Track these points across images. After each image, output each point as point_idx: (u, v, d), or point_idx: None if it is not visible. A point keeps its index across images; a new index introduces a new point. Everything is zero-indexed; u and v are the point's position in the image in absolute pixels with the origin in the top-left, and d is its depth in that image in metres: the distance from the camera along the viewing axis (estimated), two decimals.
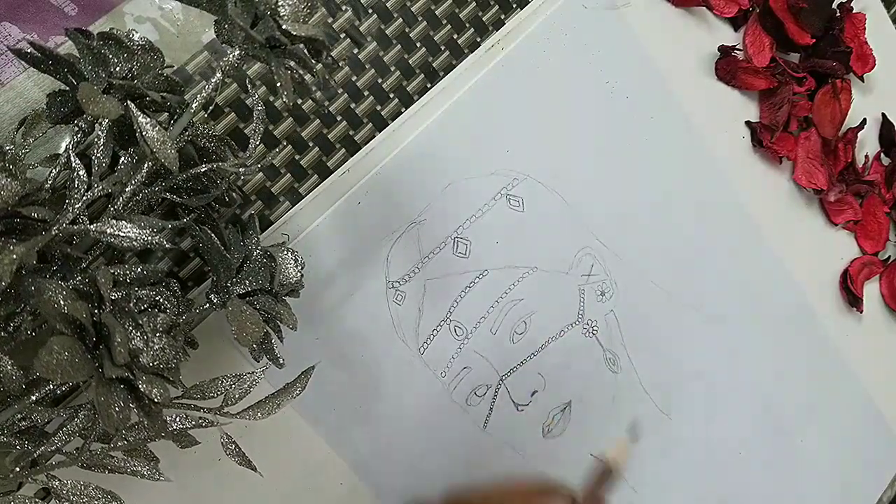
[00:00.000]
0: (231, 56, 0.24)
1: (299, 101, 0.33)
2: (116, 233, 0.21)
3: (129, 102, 0.23)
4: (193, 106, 0.24)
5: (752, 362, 0.44)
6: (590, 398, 0.39)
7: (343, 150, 0.34)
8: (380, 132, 0.35)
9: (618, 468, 0.36)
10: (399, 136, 0.34)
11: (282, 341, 0.28)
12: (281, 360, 0.27)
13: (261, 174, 0.33)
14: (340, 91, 0.34)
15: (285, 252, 0.27)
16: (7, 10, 0.28)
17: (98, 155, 0.23)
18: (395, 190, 0.34)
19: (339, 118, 0.34)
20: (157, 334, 0.21)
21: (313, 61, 0.25)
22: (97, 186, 0.22)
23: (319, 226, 0.33)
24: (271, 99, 0.33)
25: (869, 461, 0.48)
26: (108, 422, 0.19)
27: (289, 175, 0.33)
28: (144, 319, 0.21)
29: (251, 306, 0.25)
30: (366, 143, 0.34)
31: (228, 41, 0.24)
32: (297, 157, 0.33)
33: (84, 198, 0.22)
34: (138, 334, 0.20)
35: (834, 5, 0.44)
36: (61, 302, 0.19)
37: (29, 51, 0.24)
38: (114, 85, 0.24)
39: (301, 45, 0.24)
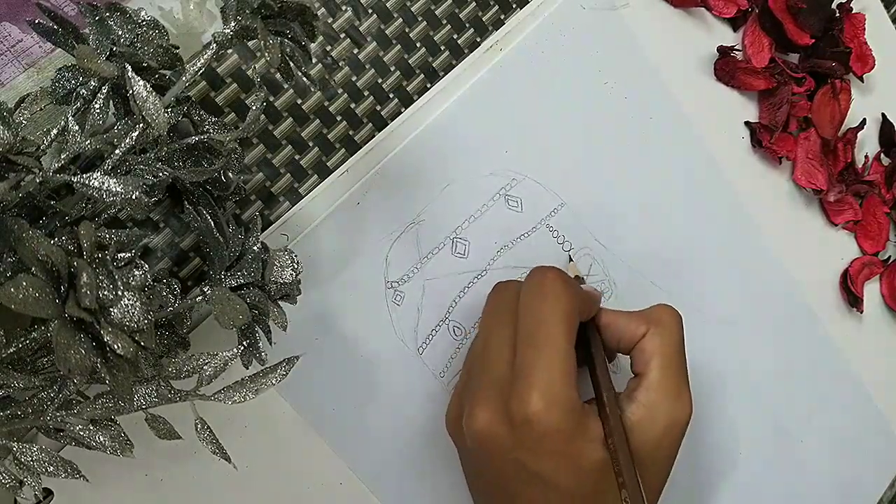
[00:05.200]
0: (226, 28, 0.25)
1: (299, 102, 0.33)
2: (99, 186, 0.22)
3: (126, 65, 0.23)
4: (188, 75, 0.25)
5: (751, 362, 0.44)
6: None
7: (343, 150, 0.34)
8: (379, 132, 0.35)
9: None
10: (398, 136, 0.34)
11: (270, 343, 0.28)
12: (264, 354, 0.27)
13: (261, 174, 0.33)
14: (340, 91, 0.34)
15: (283, 252, 0.27)
16: (7, 10, 0.28)
17: (94, 115, 0.24)
18: (394, 190, 0.34)
19: (339, 118, 0.34)
20: (130, 290, 0.21)
21: (305, 38, 0.25)
22: (86, 141, 0.23)
23: (319, 226, 0.33)
24: (271, 99, 0.33)
25: (869, 461, 0.48)
26: (64, 364, 0.19)
27: (289, 175, 0.33)
28: (119, 273, 0.21)
29: (240, 298, 0.25)
30: (365, 143, 0.34)
31: (225, 15, 0.25)
32: (296, 157, 0.34)
33: (69, 146, 0.23)
34: (110, 285, 0.20)
35: (833, 5, 0.44)
36: (42, 251, 0.19)
37: (38, 21, 0.25)
38: (115, 53, 0.25)
39: (295, 24, 0.25)
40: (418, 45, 0.36)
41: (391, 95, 0.35)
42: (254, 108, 0.27)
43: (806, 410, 0.45)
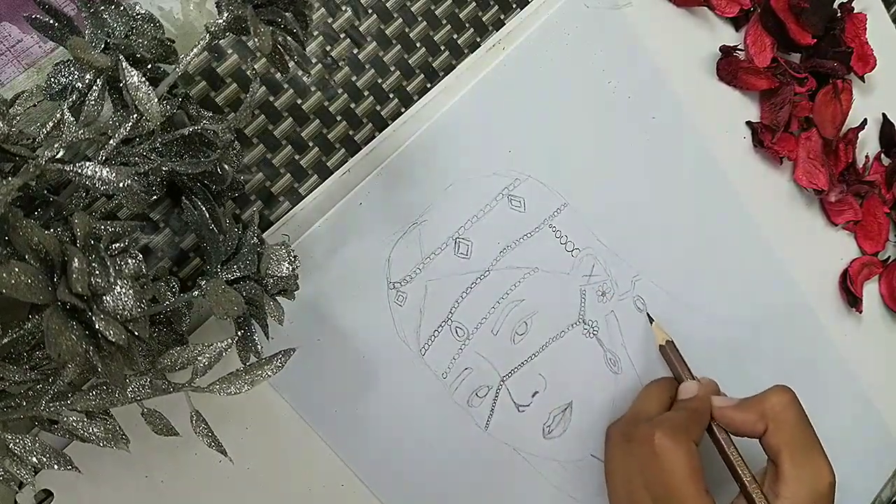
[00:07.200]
0: (219, 19, 0.25)
1: (299, 102, 0.33)
2: (92, 174, 0.22)
3: (120, 56, 0.24)
4: (181, 66, 0.25)
5: (751, 362, 0.44)
6: (590, 399, 0.39)
7: (343, 150, 0.34)
8: (380, 132, 0.34)
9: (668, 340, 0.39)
10: (401, 135, 0.34)
11: (268, 337, 0.28)
12: (260, 347, 0.27)
13: (261, 174, 0.33)
14: (340, 91, 0.34)
15: (279, 246, 0.27)
16: (7, 10, 0.28)
17: (89, 106, 0.24)
18: (396, 191, 0.34)
19: (339, 118, 0.34)
20: (123, 278, 0.21)
21: (297, 26, 0.25)
22: (80, 131, 0.23)
23: (321, 226, 0.33)
24: (271, 99, 0.33)
25: (867, 460, 0.48)
26: (55, 349, 0.19)
27: (289, 175, 0.33)
28: (112, 261, 0.21)
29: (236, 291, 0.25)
30: (366, 143, 0.34)
31: (219, 7, 0.25)
32: (296, 157, 0.33)
33: (64, 136, 0.23)
34: (103, 272, 0.20)
35: (835, 5, 0.44)
36: (35, 239, 0.19)
37: (36, 17, 0.25)
38: (110, 46, 0.25)
39: (289, 14, 0.25)
40: (418, 45, 0.36)
41: (391, 95, 0.35)
42: (247, 99, 0.27)
43: (805, 410, 0.45)
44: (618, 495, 0.35)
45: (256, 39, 0.24)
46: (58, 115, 0.24)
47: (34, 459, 0.24)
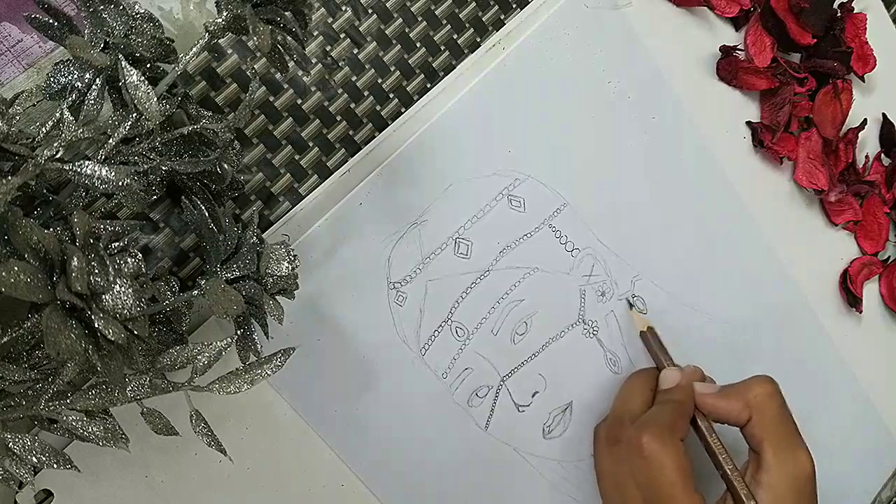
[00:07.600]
0: (219, 18, 0.25)
1: (299, 102, 0.33)
2: (91, 173, 0.22)
3: (119, 55, 0.24)
4: (181, 65, 0.25)
5: (751, 362, 0.44)
6: (590, 399, 0.39)
7: (343, 150, 0.34)
8: (380, 132, 0.34)
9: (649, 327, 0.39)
10: (401, 135, 0.34)
11: (268, 336, 0.28)
12: (260, 346, 0.27)
13: (260, 174, 0.33)
14: (340, 91, 0.34)
15: (279, 245, 0.27)
16: (7, 10, 0.28)
17: (88, 105, 0.24)
18: (396, 190, 0.34)
19: (338, 118, 0.34)
20: (122, 277, 0.21)
21: (296, 25, 0.25)
22: (79, 130, 0.23)
23: (321, 226, 0.33)
24: (271, 99, 0.33)
25: (867, 460, 0.48)
26: (54, 348, 0.19)
27: (289, 175, 0.33)
28: (111, 260, 0.21)
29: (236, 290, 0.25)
30: (366, 144, 0.34)
31: (219, 6, 0.25)
32: (297, 157, 0.33)
33: (63, 135, 0.23)
34: (102, 271, 0.21)
35: (835, 5, 0.44)
36: (35, 238, 0.19)
37: (36, 16, 0.25)
38: (109, 45, 0.26)
39: (288, 13, 0.25)
40: (418, 45, 0.36)
41: (391, 95, 0.35)
42: (247, 98, 0.27)
43: (804, 410, 0.45)
44: (610, 497, 0.35)
45: (255, 38, 0.24)
46: (57, 115, 0.24)
47: (34, 459, 0.24)
